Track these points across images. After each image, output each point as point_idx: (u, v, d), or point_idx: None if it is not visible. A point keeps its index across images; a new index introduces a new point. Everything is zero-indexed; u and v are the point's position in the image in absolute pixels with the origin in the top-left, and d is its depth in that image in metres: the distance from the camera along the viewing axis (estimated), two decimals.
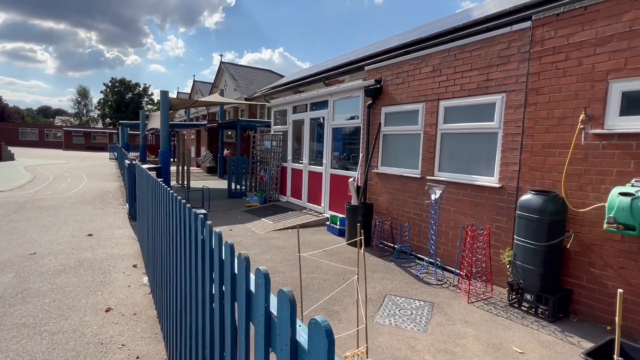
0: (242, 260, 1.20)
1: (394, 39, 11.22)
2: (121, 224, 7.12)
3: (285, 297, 0.88)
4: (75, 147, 44.59)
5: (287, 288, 0.90)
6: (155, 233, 3.92)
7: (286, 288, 0.90)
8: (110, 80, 62.67)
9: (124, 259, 5.10)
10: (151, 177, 3.90)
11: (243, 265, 1.20)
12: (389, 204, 6.00)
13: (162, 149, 9.84)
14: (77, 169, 18.56)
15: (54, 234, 6.25)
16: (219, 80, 24.30)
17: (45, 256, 5.09)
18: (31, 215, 7.59)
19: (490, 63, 4.42)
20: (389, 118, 6.07)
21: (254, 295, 1.11)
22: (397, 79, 5.83)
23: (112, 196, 10.48)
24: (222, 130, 16.98)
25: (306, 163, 8.55)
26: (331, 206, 7.73)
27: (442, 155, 5.15)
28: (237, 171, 10.97)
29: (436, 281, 4.50)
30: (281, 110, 10.10)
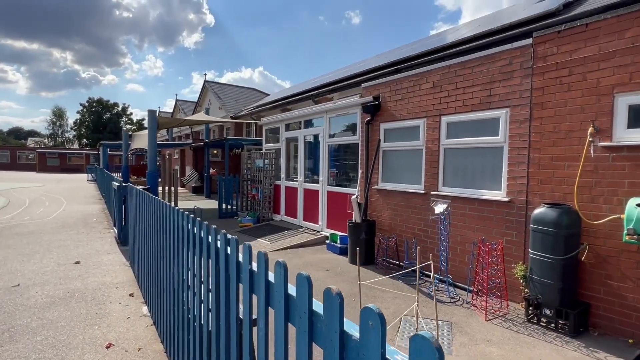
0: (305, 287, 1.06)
1: (382, 57, 11.45)
2: (110, 249, 6.74)
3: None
4: (49, 169, 42.94)
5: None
6: (160, 258, 3.68)
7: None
8: (87, 100, 61.31)
9: (118, 288, 4.77)
10: (156, 200, 3.69)
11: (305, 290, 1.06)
12: (392, 220, 5.93)
13: (150, 169, 9.53)
14: (54, 192, 17.76)
15: (37, 262, 5.83)
16: (203, 99, 24.11)
17: (30, 287, 4.71)
18: (9, 242, 7.10)
19: (492, 79, 4.50)
20: (388, 134, 6.07)
21: (323, 319, 1.07)
22: (396, 95, 5.86)
23: (96, 220, 10.00)
24: (208, 149, 16.70)
25: (301, 181, 8.43)
26: (329, 224, 7.59)
27: (446, 170, 5.15)
28: (227, 190, 10.72)
29: (449, 299, 4.40)
30: (273, 128, 10.01)
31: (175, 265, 3.33)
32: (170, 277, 3.39)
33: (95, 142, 56.21)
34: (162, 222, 3.67)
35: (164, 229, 3.61)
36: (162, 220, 3.65)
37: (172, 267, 3.37)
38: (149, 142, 9.64)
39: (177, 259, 3.22)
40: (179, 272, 3.14)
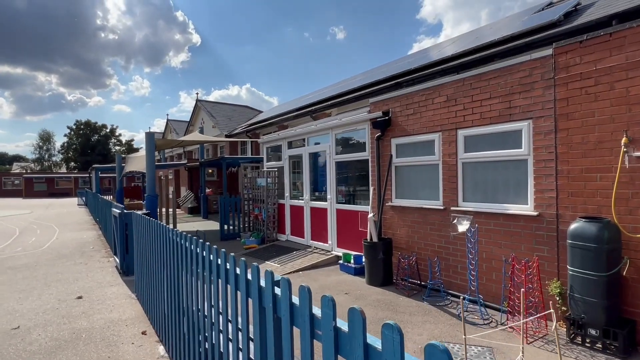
0: None
1: (382, 70, 11.47)
2: (112, 281, 6.38)
3: None
4: (36, 194, 41.88)
5: None
6: (175, 292, 3.42)
7: None
8: (75, 123, 60.64)
9: (128, 325, 4.45)
10: (169, 230, 3.44)
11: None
12: (409, 238, 5.74)
13: (149, 192, 9.23)
14: (44, 219, 17.17)
15: (36, 299, 5.46)
16: (196, 118, 23.90)
17: (31, 330, 4.35)
18: (3, 278, 6.69)
19: (511, 91, 4.42)
20: (400, 149, 5.94)
21: None
22: (407, 110, 5.76)
23: (93, 248, 9.58)
24: (203, 168, 16.41)
25: (307, 199, 8.23)
26: (340, 243, 7.36)
27: (466, 185, 5.01)
28: (227, 211, 10.42)
29: (482, 321, 4.20)
30: (274, 146, 9.83)
31: (194, 299, 3.08)
32: (189, 314, 3.13)
33: (84, 164, 55.34)
34: (177, 254, 3.43)
35: (180, 261, 3.37)
36: (178, 252, 3.41)
37: (190, 301, 3.12)
38: (147, 165, 9.37)
39: (197, 294, 2.97)
40: (201, 309, 2.88)
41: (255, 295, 1.88)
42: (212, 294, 2.64)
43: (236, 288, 2.20)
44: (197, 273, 2.97)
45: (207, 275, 2.73)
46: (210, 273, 2.61)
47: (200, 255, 2.91)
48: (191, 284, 3.14)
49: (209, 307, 2.95)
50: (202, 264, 2.85)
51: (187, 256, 3.21)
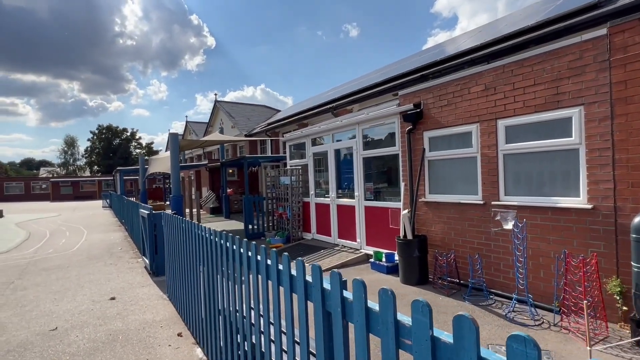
0: None
1: (405, 63, 11.18)
2: (143, 282, 6.39)
3: None
4: (63, 197, 43.23)
5: None
6: (210, 294, 3.31)
7: None
8: (97, 128, 62.36)
9: (163, 327, 4.40)
10: (205, 230, 3.34)
11: None
12: (445, 234, 5.50)
13: (174, 193, 9.25)
14: (72, 221, 17.61)
15: (71, 300, 5.50)
16: (214, 119, 24.09)
17: (69, 331, 4.35)
18: (38, 279, 6.80)
19: (559, 76, 4.13)
20: (434, 143, 5.70)
21: None
22: (441, 101, 5.51)
23: (121, 249, 9.70)
24: (225, 168, 16.47)
25: (334, 197, 8.06)
26: (369, 241, 7.17)
27: (508, 178, 4.74)
28: (250, 210, 10.36)
29: (533, 322, 3.94)
30: (297, 144, 9.70)
31: (231, 299, 2.97)
32: (227, 314, 3.02)
33: (106, 168, 56.83)
34: (213, 253, 3.33)
35: (216, 260, 3.27)
36: (213, 251, 3.31)
37: (228, 301, 3.01)
38: (172, 166, 9.39)
39: (235, 294, 2.86)
40: (240, 310, 2.77)
41: (318, 299, 1.72)
42: (260, 295, 2.50)
43: (291, 290, 2.05)
44: (232, 272, 2.85)
45: (251, 274, 2.59)
46: (258, 273, 2.47)
47: (238, 252, 2.80)
48: (228, 283, 3.03)
49: (248, 308, 2.83)
50: (242, 261, 2.73)
51: (224, 255, 3.10)
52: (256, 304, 2.62)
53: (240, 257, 2.82)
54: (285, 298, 2.09)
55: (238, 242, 2.93)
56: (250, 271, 2.68)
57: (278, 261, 2.28)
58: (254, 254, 2.67)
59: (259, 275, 2.56)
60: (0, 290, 6.18)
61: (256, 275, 2.59)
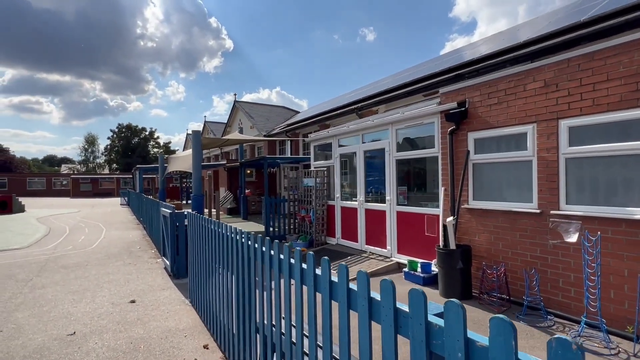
0: None
1: (438, 62, 10.69)
2: (163, 284, 6.10)
3: None
4: (82, 194, 44.01)
5: None
6: (245, 305, 2.94)
7: None
8: (117, 126, 63.46)
9: (187, 336, 4.05)
10: (237, 231, 2.98)
11: None
12: (491, 245, 5.02)
13: (195, 192, 9.00)
14: (91, 218, 17.66)
15: (90, 302, 5.23)
16: (233, 120, 23.99)
17: (87, 337, 4.06)
18: (57, 277, 6.59)
19: (638, 70, 3.63)
20: (480, 144, 5.23)
21: None
22: (490, 99, 5.05)
23: (139, 248, 9.48)
24: (243, 169, 16.24)
25: (361, 200, 7.64)
26: (400, 249, 6.72)
27: (570, 184, 4.25)
28: (270, 211, 10.02)
29: (607, 350, 3.43)
30: (323, 145, 9.33)
31: (271, 312, 2.59)
32: (264, 329, 2.64)
33: (125, 166, 57.71)
34: (248, 260, 2.97)
35: (251, 267, 2.91)
36: (248, 257, 2.95)
37: (265, 314, 2.64)
38: (193, 164, 9.14)
39: (274, 308, 2.48)
40: (277, 325, 2.38)
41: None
42: (305, 309, 2.12)
43: (349, 306, 1.69)
44: (271, 281, 2.47)
45: (293, 284, 2.21)
46: (303, 283, 2.08)
47: (276, 258, 2.44)
48: (264, 294, 2.66)
49: (288, 324, 2.46)
50: (283, 269, 2.36)
51: (259, 260, 2.75)
52: (299, 319, 2.26)
53: (280, 264, 2.48)
54: (341, 315, 1.73)
55: (278, 248, 2.58)
56: (293, 280, 2.32)
57: (329, 271, 1.93)
58: (298, 261, 2.32)
59: (304, 285, 2.21)
60: (19, 287, 5.98)
61: (300, 286, 2.23)
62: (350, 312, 1.75)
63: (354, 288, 1.70)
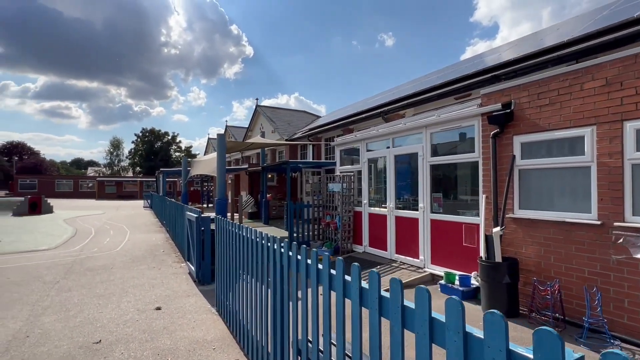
0: None
1: (473, 63, 10.25)
2: (189, 290, 5.93)
3: None
4: (107, 196, 45.16)
5: None
6: (284, 317, 2.68)
7: None
8: (141, 131, 65.14)
9: (215, 349, 3.83)
10: (272, 239, 2.74)
11: None
12: (541, 259, 4.60)
13: (219, 196, 8.87)
14: (115, 220, 17.92)
15: (115, 307, 5.10)
16: (255, 124, 24.05)
17: (113, 346, 3.89)
18: (83, 280, 6.53)
19: None
20: (528, 149, 4.84)
21: None
22: (540, 99, 4.66)
23: (163, 251, 9.42)
24: (265, 173, 16.13)
25: (391, 207, 7.30)
26: (434, 259, 6.34)
27: (637, 193, 3.81)
28: (291, 216, 9.78)
29: None
30: (350, 149, 9.06)
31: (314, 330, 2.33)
32: (304, 348, 2.37)
33: (148, 169, 59.02)
34: (283, 271, 2.73)
35: (286, 279, 2.67)
36: (284, 269, 2.70)
37: (305, 332, 2.36)
38: (218, 168, 9.04)
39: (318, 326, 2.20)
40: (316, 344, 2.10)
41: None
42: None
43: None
44: (309, 293, 2.20)
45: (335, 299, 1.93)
46: (363, 305, 1.80)
47: (312, 269, 2.16)
48: (301, 305, 2.40)
49: (327, 342, 2.19)
50: (322, 280, 2.09)
51: (295, 270, 2.50)
52: (340, 337, 1.99)
53: (318, 275, 2.25)
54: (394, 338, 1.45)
55: (316, 257, 2.34)
56: (343, 297, 2.06)
57: (379, 285, 1.71)
58: (340, 273, 2.09)
59: (352, 302, 1.95)
60: (46, 290, 5.94)
61: (360, 307, 1.96)
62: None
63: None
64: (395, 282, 1.67)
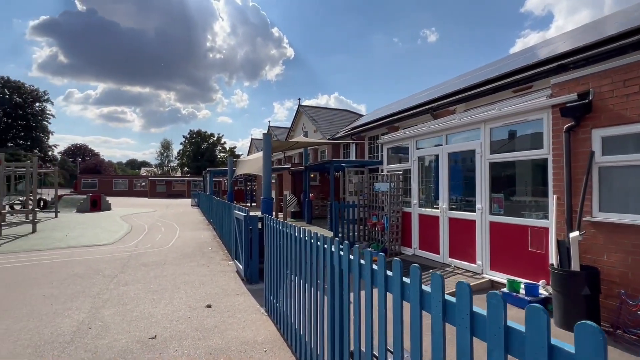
0: None
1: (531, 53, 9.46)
2: (237, 289, 5.94)
3: None
4: (158, 194, 47.80)
5: None
6: (343, 326, 2.48)
7: None
8: (189, 132, 68.33)
9: (267, 351, 3.73)
10: (330, 241, 2.55)
11: None
12: (628, 269, 4.03)
13: (265, 195, 8.89)
14: (166, 218, 18.80)
15: (168, 303, 5.20)
16: (297, 124, 24.21)
17: (167, 342, 3.92)
18: (138, 275, 6.79)
19: None
20: (610, 144, 4.28)
21: None
22: (626, 87, 4.09)
23: (211, 249, 9.64)
24: (307, 172, 16.11)
25: (445, 208, 6.87)
26: (494, 265, 5.86)
27: None
28: (336, 216, 9.58)
29: None
30: (398, 147, 8.70)
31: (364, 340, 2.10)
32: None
33: (195, 170, 61.75)
34: (341, 277, 2.52)
35: (345, 286, 2.46)
36: (342, 274, 2.49)
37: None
38: (264, 167, 9.08)
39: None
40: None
41: None
42: None
43: None
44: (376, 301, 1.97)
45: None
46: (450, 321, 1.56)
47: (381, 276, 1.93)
48: (365, 313, 2.18)
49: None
50: (393, 287, 1.85)
51: (358, 276, 2.28)
52: (417, 354, 1.75)
53: (386, 281, 2.03)
54: None
55: (384, 262, 2.12)
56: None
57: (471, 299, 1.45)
58: (416, 282, 1.85)
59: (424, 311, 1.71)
60: (106, 283, 6.22)
61: (419, 311, 1.73)
62: None
63: None
64: (463, 286, 1.46)
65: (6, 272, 6.98)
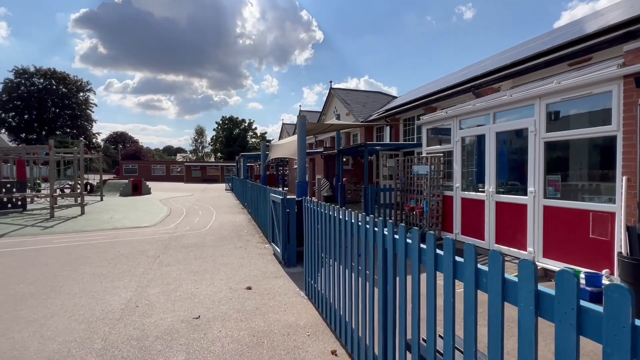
0: None
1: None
2: (275, 272, 5.92)
3: None
4: (193, 179, 49.40)
5: None
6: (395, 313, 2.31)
7: None
8: (221, 119, 69.66)
9: (310, 335, 3.65)
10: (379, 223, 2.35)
11: None
12: None
13: (300, 179, 8.79)
14: (202, 201, 19.32)
15: (209, 284, 5.26)
16: (328, 107, 23.87)
17: (211, 323, 3.94)
18: (179, 256, 6.96)
19: None
20: None
21: None
22: None
23: (247, 232, 9.74)
24: (340, 156, 15.87)
25: (491, 191, 6.46)
26: (548, 252, 5.45)
27: None
28: (372, 201, 9.35)
29: None
30: (438, 128, 8.27)
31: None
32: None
33: (228, 155, 63.12)
34: (390, 256, 2.33)
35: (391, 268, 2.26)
36: (391, 254, 2.30)
37: None
38: (298, 150, 8.94)
39: None
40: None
41: None
42: None
43: None
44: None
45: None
46: None
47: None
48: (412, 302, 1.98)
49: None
50: (466, 273, 1.64)
51: (418, 260, 2.08)
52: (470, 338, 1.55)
53: (455, 266, 1.81)
54: None
55: (453, 247, 1.90)
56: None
57: None
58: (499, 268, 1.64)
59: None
60: (149, 263, 6.41)
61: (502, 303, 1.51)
62: None
63: None
64: (527, 264, 1.30)
65: (60, 251, 7.39)
